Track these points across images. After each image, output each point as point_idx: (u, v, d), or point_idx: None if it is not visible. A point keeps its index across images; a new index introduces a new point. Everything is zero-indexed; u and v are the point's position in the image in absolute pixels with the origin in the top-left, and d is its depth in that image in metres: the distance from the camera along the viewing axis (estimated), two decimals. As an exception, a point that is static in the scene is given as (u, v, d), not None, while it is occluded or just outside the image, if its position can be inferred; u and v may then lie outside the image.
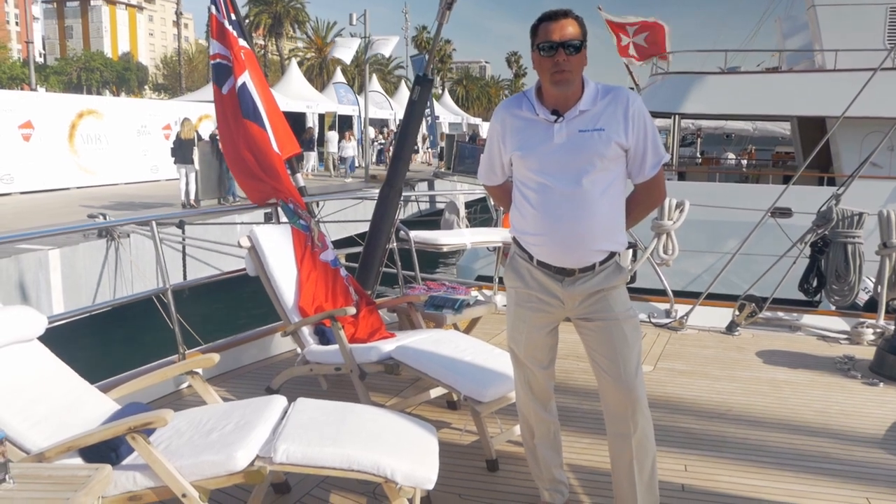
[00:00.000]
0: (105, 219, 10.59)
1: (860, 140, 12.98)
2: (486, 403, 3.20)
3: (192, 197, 14.08)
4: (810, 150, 15.43)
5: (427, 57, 5.20)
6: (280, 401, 2.85)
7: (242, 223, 12.60)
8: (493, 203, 7.32)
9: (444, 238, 5.81)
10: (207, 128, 20.83)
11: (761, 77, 14.72)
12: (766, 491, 3.10)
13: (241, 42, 5.03)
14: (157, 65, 76.25)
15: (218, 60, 4.96)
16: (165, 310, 4.74)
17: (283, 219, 4.83)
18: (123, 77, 67.80)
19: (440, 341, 3.68)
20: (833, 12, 13.40)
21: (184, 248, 10.75)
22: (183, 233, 10.91)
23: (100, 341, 9.48)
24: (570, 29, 2.38)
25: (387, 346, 3.64)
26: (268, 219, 13.85)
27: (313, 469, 2.47)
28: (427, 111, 21.45)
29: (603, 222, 2.47)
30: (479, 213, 18.61)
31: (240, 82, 5.02)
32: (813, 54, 14.54)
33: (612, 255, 2.56)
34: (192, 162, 13.92)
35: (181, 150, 14.03)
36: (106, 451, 2.50)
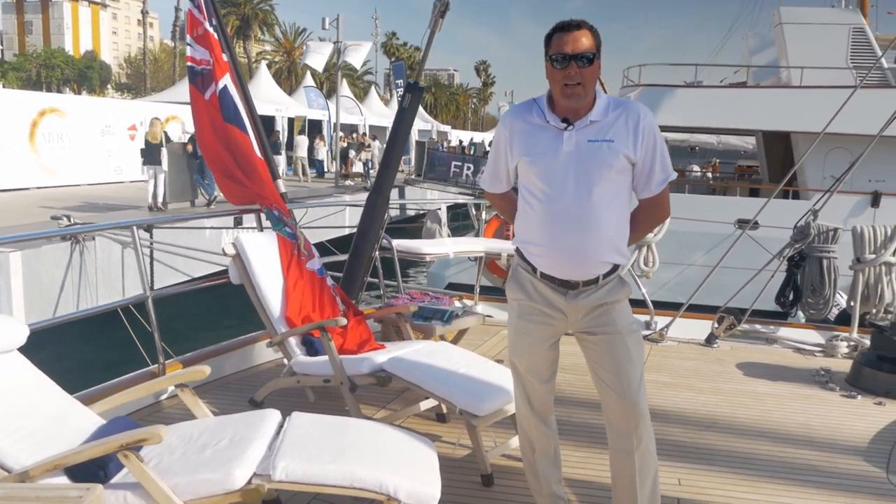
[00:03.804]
0: (70, 220, 10.28)
1: (824, 155, 13.30)
2: (482, 417, 3.16)
3: (160, 200, 13.78)
4: (774, 163, 15.85)
5: (403, 63, 5.13)
6: (274, 415, 2.77)
7: (212, 228, 12.39)
8: (474, 213, 7.31)
9: (426, 247, 5.76)
10: (174, 129, 20.50)
11: (729, 91, 15.01)
12: None
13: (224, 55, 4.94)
14: (121, 64, 74.75)
15: (202, 66, 4.85)
16: (141, 318, 4.58)
17: (266, 225, 4.74)
18: (85, 75, 66.19)
19: (433, 353, 3.62)
20: (799, 31, 13.75)
21: (151, 252, 10.50)
22: (151, 237, 10.65)
23: (64, 351, 9.18)
24: (583, 41, 2.36)
25: (378, 357, 3.57)
26: (237, 223, 13.59)
27: (314, 487, 2.40)
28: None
29: (609, 234, 2.45)
30: (450, 221, 18.57)
31: (220, 85, 4.92)
32: (779, 70, 14.89)
33: (616, 268, 2.55)
34: (160, 163, 13.63)
35: (149, 152, 13.74)
36: (94, 470, 2.39)
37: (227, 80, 4.96)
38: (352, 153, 24.43)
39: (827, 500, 3.18)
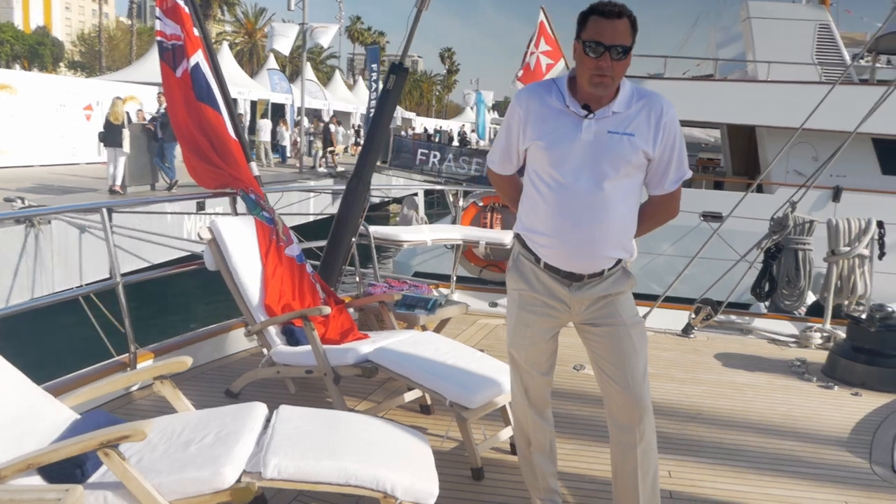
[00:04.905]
0: (24, 202, 9.86)
1: (788, 150, 13.52)
2: (473, 410, 3.07)
3: (119, 182, 13.33)
4: (738, 156, 16.02)
5: (378, 48, 4.95)
6: (261, 409, 2.64)
7: (174, 213, 12.04)
8: (451, 199, 7.19)
9: (404, 234, 5.65)
10: (132, 110, 19.86)
11: (696, 84, 15.12)
12: (750, 496, 3.11)
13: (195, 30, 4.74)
14: (74, 41, 72.11)
15: (173, 42, 4.64)
16: (101, 305, 4.35)
17: (241, 210, 4.57)
18: (36, 52, 63.75)
19: (419, 343, 3.52)
20: (767, 25, 13.89)
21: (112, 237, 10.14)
22: (110, 221, 10.29)
23: (21, 339, 8.83)
24: (622, 31, 2.22)
25: (363, 348, 3.46)
26: (199, 208, 13.25)
27: (307, 485, 2.29)
28: (372, 103, 21.10)
29: (618, 229, 2.38)
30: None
31: (192, 62, 4.72)
32: (745, 64, 15.06)
33: (619, 261, 2.48)
34: (121, 145, 13.17)
35: (110, 133, 13.26)
36: (70, 468, 2.24)
37: (199, 57, 4.76)
38: (332, 127, 24.00)
39: (815, 491, 3.19)
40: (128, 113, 13.86)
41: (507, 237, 6.12)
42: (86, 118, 19.25)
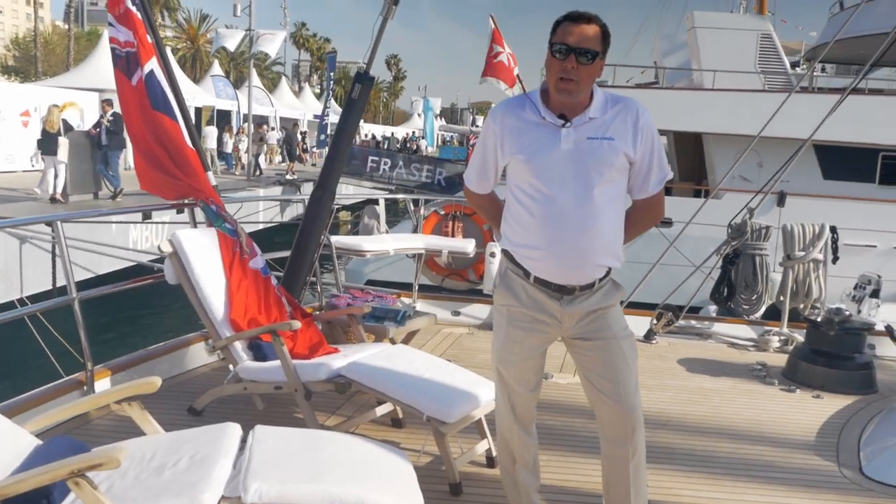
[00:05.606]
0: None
1: (733, 156, 13.92)
2: (451, 424, 3.01)
3: (59, 191, 12.82)
4: (685, 163, 16.39)
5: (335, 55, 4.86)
6: (235, 429, 2.52)
7: (119, 222, 11.64)
8: (412, 209, 7.12)
9: (366, 244, 5.56)
10: (72, 116, 19.19)
11: (643, 92, 15.45)
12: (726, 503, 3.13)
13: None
14: (7, 45, 69.34)
15: (126, 49, 4.47)
16: (45, 321, 4.14)
17: (200, 220, 4.42)
18: (-35, 56, 61.15)
19: (392, 357, 3.44)
20: (712, 35, 14.30)
21: (53, 248, 9.73)
22: (53, 231, 9.88)
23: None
24: (589, 35, 2.23)
25: (335, 362, 3.36)
26: (145, 217, 12.76)
27: (289, 510, 2.19)
28: (327, 110, 20.86)
29: (607, 236, 2.36)
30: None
31: (147, 70, 4.55)
32: (690, 73, 15.46)
33: (609, 271, 2.46)
34: (57, 154, 12.66)
35: (46, 141, 12.76)
36: (36, 499, 2.09)
37: (153, 64, 4.59)
38: (298, 136, 23.62)
39: (788, 495, 3.23)
40: (65, 120, 13.34)
41: (469, 246, 6.09)
42: (23, 125, 18.49)
